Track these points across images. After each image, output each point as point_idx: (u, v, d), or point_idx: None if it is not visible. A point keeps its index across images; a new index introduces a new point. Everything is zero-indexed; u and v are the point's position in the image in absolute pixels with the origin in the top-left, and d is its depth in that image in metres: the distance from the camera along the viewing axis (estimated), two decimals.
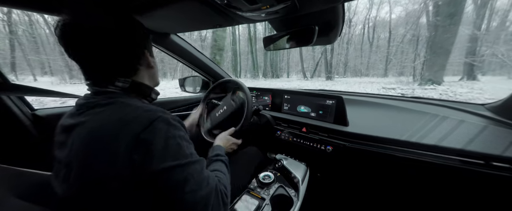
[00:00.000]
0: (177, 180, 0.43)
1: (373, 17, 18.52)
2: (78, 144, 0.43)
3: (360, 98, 1.35)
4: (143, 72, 0.56)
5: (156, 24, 0.91)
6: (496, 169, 0.73)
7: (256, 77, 19.32)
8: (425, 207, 1.00)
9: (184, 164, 0.44)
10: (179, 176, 0.43)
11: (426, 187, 0.95)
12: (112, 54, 0.48)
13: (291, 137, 1.24)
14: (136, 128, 0.41)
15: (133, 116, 0.43)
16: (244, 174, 1.03)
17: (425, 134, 0.89)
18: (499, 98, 0.97)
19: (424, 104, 1.17)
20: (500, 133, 0.83)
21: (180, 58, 1.32)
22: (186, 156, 0.46)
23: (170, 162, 0.42)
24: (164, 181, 0.42)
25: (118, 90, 0.50)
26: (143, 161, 0.41)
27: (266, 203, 0.89)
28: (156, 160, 0.41)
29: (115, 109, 0.45)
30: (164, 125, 0.44)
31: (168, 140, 0.43)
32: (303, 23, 0.84)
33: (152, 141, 0.41)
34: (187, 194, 0.43)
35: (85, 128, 0.44)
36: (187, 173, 0.44)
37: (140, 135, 0.41)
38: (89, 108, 0.47)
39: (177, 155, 0.44)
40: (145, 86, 0.57)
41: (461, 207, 0.90)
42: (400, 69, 14.84)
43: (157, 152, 0.42)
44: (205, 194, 0.45)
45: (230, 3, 0.62)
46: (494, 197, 0.79)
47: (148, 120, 0.43)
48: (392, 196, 1.10)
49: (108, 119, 0.43)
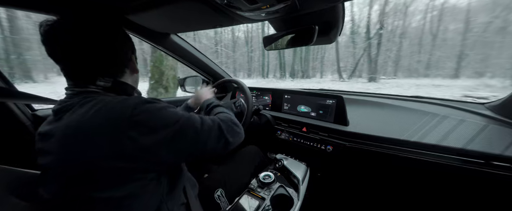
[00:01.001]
0: (186, 133, 0.48)
1: (439, 3, 14.79)
2: (62, 142, 0.43)
3: (360, 98, 1.35)
4: (127, 76, 0.57)
5: (156, 24, 0.91)
6: (496, 168, 0.73)
7: (282, 77, 17.51)
8: (425, 207, 1.00)
9: (186, 118, 0.50)
10: (187, 130, 0.49)
11: (427, 186, 0.95)
12: (104, 55, 0.50)
13: (291, 137, 1.24)
14: (125, 113, 0.42)
15: (115, 104, 0.44)
16: (245, 174, 1.03)
17: (426, 133, 0.89)
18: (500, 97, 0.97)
19: (424, 104, 1.17)
20: (500, 132, 0.83)
21: (180, 58, 1.32)
22: (182, 115, 0.50)
23: (166, 129, 0.45)
24: (177, 141, 0.46)
25: (99, 90, 0.50)
26: (149, 137, 0.43)
27: (267, 203, 0.89)
28: (161, 130, 0.44)
29: (94, 103, 0.44)
30: (148, 103, 0.46)
31: (160, 112, 0.46)
32: (303, 22, 0.84)
33: (147, 119, 0.44)
34: (200, 134, 0.50)
35: (67, 127, 0.43)
36: (187, 127, 0.49)
37: (132, 118, 0.42)
38: (67, 111, 0.46)
39: (174, 118, 0.48)
40: (128, 86, 0.57)
41: (461, 206, 0.90)
42: (482, 68, 11.53)
43: (158, 124, 0.45)
44: (213, 126, 0.55)
45: (230, 2, 0.61)
46: (494, 196, 0.79)
47: (131, 105, 0.44)
48: (393, 195, 1.10)
49: (91, 112, 0.43)
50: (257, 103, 1.51)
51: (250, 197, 0.92)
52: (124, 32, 0.56)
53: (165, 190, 0.51)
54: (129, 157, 0.42)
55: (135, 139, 0.41)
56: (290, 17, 0.76)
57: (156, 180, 0.48)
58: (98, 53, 0.49)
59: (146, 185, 0.46)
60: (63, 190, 0.44)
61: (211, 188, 0.85)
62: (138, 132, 0.42)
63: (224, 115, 0.66)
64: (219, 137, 0.55)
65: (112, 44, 0.51)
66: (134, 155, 0.42)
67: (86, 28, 0.47)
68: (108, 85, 0.51)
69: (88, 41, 0.47)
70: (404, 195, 1.06)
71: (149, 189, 0.47)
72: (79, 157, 0.41)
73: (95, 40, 0.47)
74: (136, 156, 0.42)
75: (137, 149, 0.42)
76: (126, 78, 0.57)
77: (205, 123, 0.54)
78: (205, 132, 0.52)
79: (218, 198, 0.84)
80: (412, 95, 1.30)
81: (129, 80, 0.58)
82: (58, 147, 0.43)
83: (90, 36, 0.47)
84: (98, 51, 0.48)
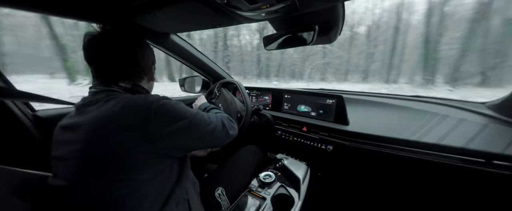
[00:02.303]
0: (200, 121, 0.59)
1: None
2: (93, 129, 0.48)
3: (360, 98, 1.35)
4: (144, 82, 0.66)
5: (156, 24, 0.91)
6: (496, 167, 0.73)
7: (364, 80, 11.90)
8: (426, 206, 1.00)
9: (196, 113, 0.60)
10: (199, 118, 0.60)
11: (427, 185, 0.95)
12: (128, 62, 0.59)
13: (292, 137, 1.24)
14: (148, 107, 0.50)
15: (138, 100, 0.51)
16: (245, 174, 1.03)
17: (426, 133, 0.89)
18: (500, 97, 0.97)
19: (425, 103, 1.17)
20: (501, 131, 0.83)
21: (180, 58, 1.32)
22: (191, 112, 0.59)
23: (183, 120, 0.55)
24: (193, 125, 0.56)
25: (120, 89, 0.58)
26: (170, 125, 0.52)
27: (267, 202, 0.89)
28: (180, 119, 0.54)
29: (119, 99, 0.51)
30: (166, 100, 0.55)
31: (176, 105, 0.56)
32: (303, 22, 0.84)
33: (168, 111, 0.52)
34: (206, 127, 0.61)
35: (96, 117, 0.49)
36: (201, 115, 0.62)
37: (155, 110, 0.50)
38: (88, 105, 0.53)
39: (185, 114, 0.57)
40: (144, 89, 0.65)
41: (462, 205, 0.90)
42: None
43: (177, 115, 0.54)
44: (214, 125, 0.64)
45: (230, 2, 0.61)
46: (495, 195, 0.79)
47: (152, 101, 0.52)
48: (393, 194, 1.10)
49: (119, 105, 0.50)
50: (257, 103, 1.51)
51: (250, 197, 0.92)
52: (147, 45, 0.65)
53: (174, 179, 0.58)
54: (155, 141, 0.49)
55: (160, 126, 0.50)
56: (290, 17, 0.76)
57: (169, 168, 0.55)
58: (123, 61, 0.58)
59: (162, 171, 0.53)
60: (85, 175, 0.47)
61: (212, 187, 0.85)
62: (162, 120, 0.50)
63: (220, 114, 0.77)
64: (222, 128, 0.68)
65: (135, 54, 0.60)
66: (158, 139, 0.49)
67: (116, 40, 0.56)
68: (128, 87, 0.60)
69: (116, 50, 0.56)
70: (405, 194, 1.06)
71: (164, 175, 0.54)
72: (111, 141, 0.46)
73: (122, 49, 0.57)
74: (160, 139, 0.50)
75: (162, 134, 0.50)
76: (144, 83, 0.66)
77: (212, 117, 0.66)
78: (212, 123, 0.64)
79: (219, 196, 0.84)
80: (412, 95, 1.30)
81: (145, 85, 0.67)
82: (86, 135, 0.48)
83: (118, 46, 0.56)
84: (123, 59, 0.58)
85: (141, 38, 0.63)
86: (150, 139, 0.49)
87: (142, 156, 0.49)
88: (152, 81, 0.71)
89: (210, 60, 1.48)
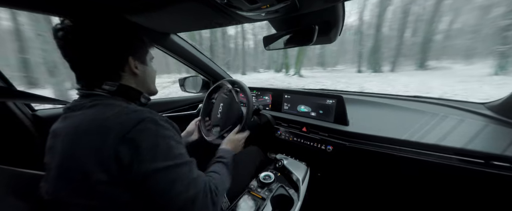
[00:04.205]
0: (166, 182, 0.42)
1: None
2: (62, 142, 0.44)
3: (360, 98, 1.35)
4: (128, 79, 0.56)
5: (156, 24, 0.91)
6: (496, 168, 0.73)
7: None
8: (425, 206, 1.00)
9: (173, 165, 0.44)
10: (168, 177, 0.42)
11: (427, 186, 0.95)
12: (94, 59, 0.49)
13: (292, 137, 1.24)
14: (124, 126, 0.41)
15: (120, 114, 0.43)
16: (245, 174, 1.03)
17: (425, 133, 0.89)
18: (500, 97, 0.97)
19: (424, 104, 1.17)
20: (500, 132, 0.83)
21: (180, 58, 1.32)
22: (175, 157, 0.45)
23: (160, 163, 0.42)
24: (152, 182, 0.41)
25: (105, 93, 0.51)
26: (131, 161, 0.40)
27: (267, 203, 0.89)
28: (145, 161, 0.41)
29: (100, 109, 0.46)
30: (153, 125, 0.44)
31: (157, 140, 0.43)
32: (303, 22, 0.84)
33: (140, 141, 0.41)
34: (173, 196, 0.42)
35: (69, 127, 0.45)
36: (176, 174, 0.44)
37: (128, 134, 0.40)
38: (73, 110, 0.48)
39: (167, 156, 0.44)
40: (134, 90, 0.57)
41: (461, 206, 0.90)
42: None
43: (146, 152, 0.41)
44: (191, 195, 0.44)
45: (230, 2, 0.61)
46: (494, 196, 0.79)
47: (136, 119, 0.43)
48: (393, 195, 1.10)
49: (93, 117, 0.44)
50: (257, 103, 1.51)
51: (250, 197, 0.92)
52: (117, 35, 0.52)
53: None
54: (110, 174, 0.40)
55: (121, 156, 0.39)
56: (290, 16, 0.75)
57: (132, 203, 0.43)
58: (88, 58, 0.49)
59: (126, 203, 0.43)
60: (61, 190, 0.44)
61: None
62: (128, 150, 0.40)
63: (215, 179, 0.58)
64: (192, 205, 0.45)
65: (99, 49, 0.49)
66: (115, 174, 0.40)
67: (76, 35, 0.47)
68: (113, 89, 0.52)
69: (78, 47, 0.48)
70: (404, 195, 1.06)
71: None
72: (81, 159, 0.41)
73: (82, 45, 0.48)
74: (117, 175, 0.40)
75: (119, 169, 0.40)
76: (129, 81, 0.56)
77: (200, 180, 0.49)
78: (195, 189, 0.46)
79: None
80: (412, 95, 1.30)
81: (132, 83, 0.57)
82: (63, 145, 0.44)
83: (79, 42, 0.47)
84: (87, 56, 0.49)
85: (105, 27, 0.50)
86: (106, 170, 0.40)
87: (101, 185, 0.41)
88: (135, 77, 0.57)
89: (210, 60, 1.48)
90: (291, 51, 16.89)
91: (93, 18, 0.49)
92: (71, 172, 0.42)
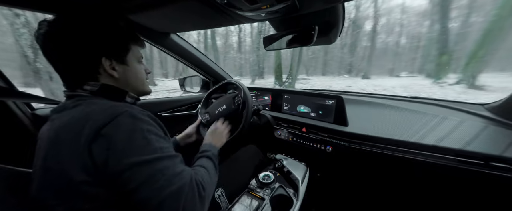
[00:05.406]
0: (145, 177, 0.40)
1: None
2: (45, 144, 0.45)
3: (359, 98, 1.35)
4: (107, 80, 0.53)
5: (156, 24, 0.91)
6: (495, 169, 0.73)
7: None
8: (424, 207, 1.00)
9: (151, 159, 0.42)
10: (146, 172, 0.40)
11: (426, 187, 0.95)
12: (67, 60, 0.49)
13: (291, 137, 1.24)
14: (98, 122, 0.40)
15: (98, 111, 0.43)
16: (244, 174, 1.03)
17: (425, 134, 0.89)
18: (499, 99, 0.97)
19: (424, 105, 1.17)
20: (500, 133, 0.83)
21: (180, 58, 1.32)
22: (154, 151, 0.43)
23: (136, 157, 0.40)
24: (129, 177, 0.39)
25: (87, 93, 0.50)
26: (106, 157, 0.39)
27: (266, 203, 0.89)
28: (120, 156, 0.39)
29: (80, 109, 0.45)
30: (130, 119, 0.43)
31: (133, 133, 0.41)
32: (303, 23, 0.84)
33: (114, 136, 0.40)
34: (154, 190, 0.40)
35: (51, 129, 0.45)
36: (155, 169, 0.41)
37: (102, 129, 0.40)
38: (59, 112, 0.48)
39: (143, 150, 0.42)
40: (118, 90, 0.55)
41: (460, 207, 0.90)
42: None
43: (120, 147, 0.40)
44: (175, 189, 0.42)
45: (230, 2, 0.61)
46: (493, 197, 0.79)
47: (112, 114, 0.42)
48: (392, 196, 1.10)
49: (73, 117, 0.43)
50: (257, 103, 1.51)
51: (249, 197, 0.92)
52: (87, 35, 0.49)
53: None
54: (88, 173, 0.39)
55: (95, 153, 0.39)
56: (290, 17, 0.76)
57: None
58: (62, 60, 0.49)
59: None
60: (44, 194, 0.43)
61: None
62: (101, 146, 0.39)
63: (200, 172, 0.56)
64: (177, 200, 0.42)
65: (70, 50, 0.48)
66: (92, 173, 0.39)
67: (50, 36, 0.47)
68: (95, 89, 0.50)
69: (52, 48, 0.48)
70: (404, 196, 1.06)
71: None
72: (53, 160, 0.42)
73: (55, 47, 0.47)
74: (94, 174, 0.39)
75: (95, 166, 0.39)
76: (110, 82, 0.54)
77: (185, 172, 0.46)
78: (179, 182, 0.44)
79: (218, 197, 0.84)
80: (412, 96, 1.30)
81: (114, 82, 0.54)
82: (43, 148, 0.44)
83: (52, 43, 0.47)
84: (60, 57, 0.48)
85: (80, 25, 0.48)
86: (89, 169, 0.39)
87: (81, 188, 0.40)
88: (111, 78, 0.54)
89: (210, 60, 1.48)
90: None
91: (65, 19, 0.48)
92: (52, 173, 0.42)
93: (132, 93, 0.59)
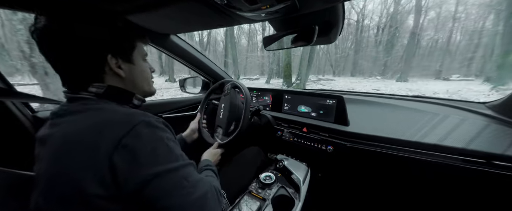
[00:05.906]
0: (172, 184, 0.40)
1: None
2: (50, 152, 0.42)
3: (360, 98, 1.35)
4: (113, 80, 0.50)
5: (156, 24, 0.91)
6: (497, 168, 0.72)
7: None
8: (427, 207, 1.00)
9: (176, 167, 0.42)
10: (173, 179, 0.40)
11: (428, 186, 0.94)
12: (69, 59, 0.45)
13: (292, 137, 1.24)
14: (117, 132, 0.38)
15: (112, 119, 0.41)
16: (245, 175, 1.02)
17: (426, 133, 0.89)
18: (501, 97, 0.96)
19: (425, 103, 1.16)
20: (502, 132, 0.83)
21: (180, 59, 1.32)
22: (177, 159, 0.43)
23: (162, 166, 0.40)
24: (156, 187, 0.38)
25: (92, 96, 0.47)
26: (130, 168, 0.37)
27: (267, 203, 0.89)
28: (145, 166, 0.38)
29: (89, 115, 0.43)
30: (149, 128, 0.41)
31: (155, 143, 0.41)
32: (303, 23, 0.84)
33: (137, 147, 0.38)
34: (183, 196, 0.40)
35: (56, 136, 0.42)
36: (180, 176, 0.42)
37: (122, 140, 0.38)
38: (60, 116, 0.45)
39: (167, 158, 0.42)
40: (125, 92, 0.53)
41: (462, 206, 0.89)
42: None
43: (145, 157, 0.39)
44: (201, 194, 0.43)
45: (230, 3, 0.61)
46: (495, 195, 0.79)
47: (130, 123, 0.40)
48: (394, 195, 1.10)
49: (83, 125, 0.41)
50: (257, 103, 1.51)
51: (251, 198, 0.92)
52: (91, 31, 0.46)
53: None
54: (105, 186, 0.37)
55: (117, 166, 0.37)
56: (290, 17, 0.75)
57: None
58: (64, 59, 0.45)
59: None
60: (49, 204, 0.40)
61: None
62: (124, 158, 0.37)
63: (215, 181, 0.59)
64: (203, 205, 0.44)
65: (72, 48, 0.44)
66: (111, 186, 0.37)
67: (48, 34, 0.43)
68: (101, 91, 0.47)
69: (52, 47, 0.44)
70: (406, 195, 1.05)
71: None
72: (63, 171, 0.38)
73: (55, 45, 0.44)
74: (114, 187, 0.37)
75: (115, 180, 0.37)
76: (115, 82, 0.51)
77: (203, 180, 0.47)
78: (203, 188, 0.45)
79: None
80: (413, 95, 1.30)
81: (120, 84, 0.52)
82: (48, 157, 0.41)
83: (52, 41, 0.43)
84: (61, 56, 0.45)
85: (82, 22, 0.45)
86: (101, 182, 0.37)
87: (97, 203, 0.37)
88: (117, 78, 0.51)
89: (210, 61, 1.48)
90: None
91: (65, 15, 0.44)
92: (62, 186, 0.38)
93: (138, 95, 0.57)
